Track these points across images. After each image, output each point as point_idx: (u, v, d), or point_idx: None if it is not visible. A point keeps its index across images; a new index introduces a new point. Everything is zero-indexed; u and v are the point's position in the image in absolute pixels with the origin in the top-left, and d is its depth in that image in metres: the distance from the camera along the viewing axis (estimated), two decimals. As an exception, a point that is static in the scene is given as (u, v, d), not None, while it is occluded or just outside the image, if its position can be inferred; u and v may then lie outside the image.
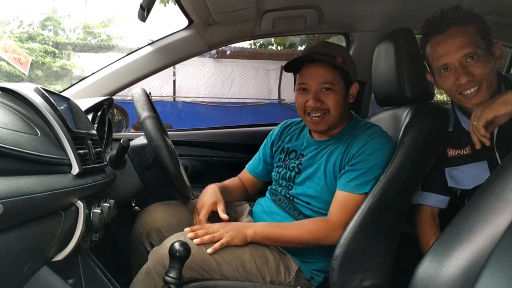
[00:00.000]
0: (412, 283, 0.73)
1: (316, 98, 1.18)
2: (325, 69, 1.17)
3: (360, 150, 1.16)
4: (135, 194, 1.35)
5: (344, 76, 1.20)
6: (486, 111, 0.97)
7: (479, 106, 1.00)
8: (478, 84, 1.06)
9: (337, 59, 1.17)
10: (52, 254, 0.90)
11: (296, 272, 1.17)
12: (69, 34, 9.16)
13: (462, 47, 1.05)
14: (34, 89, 0.93)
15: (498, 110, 0.95)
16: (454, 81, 1.08)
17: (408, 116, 1.16)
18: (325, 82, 1.18)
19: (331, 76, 1.18)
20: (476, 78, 1.05)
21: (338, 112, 1.20)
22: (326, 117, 1.20)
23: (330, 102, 1.18)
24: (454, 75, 1.08)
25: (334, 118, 1.21)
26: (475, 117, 1.00)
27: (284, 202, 1.27)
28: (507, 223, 0.65)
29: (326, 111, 1.19)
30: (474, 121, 1.00)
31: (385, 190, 1.09)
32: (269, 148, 1.44)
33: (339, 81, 1.19)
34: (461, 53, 1.05)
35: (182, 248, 0.94)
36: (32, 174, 0.73)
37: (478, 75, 1.05)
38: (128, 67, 1.67)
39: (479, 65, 1.05)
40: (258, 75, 8.19)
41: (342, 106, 1.21)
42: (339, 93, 1.19)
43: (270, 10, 1.64)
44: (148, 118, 1.17)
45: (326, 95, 1.19)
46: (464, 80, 1.05)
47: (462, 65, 1.06)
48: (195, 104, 7.98)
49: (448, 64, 1.08)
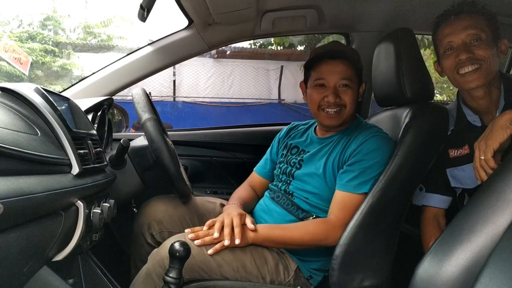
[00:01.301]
0: (412, 283, 0.73)
1: (335, 94, 1.21)
2: (345, 65, 1.21)
3: (357, 150, 1.17)
4: (135, 194, 1.35)
5: (358, 74, 1.24)
6: (490, 142, 0.96)
7: (480, 140, 1.00)
8: (477, 63, 1.08)
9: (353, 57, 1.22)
10: (52, 254, 0.90)
11: (295, 271, 1.17)
12: (69, 34, 9.16)
13: (468, 27, 1.10)
14: (34, 89, 0.93)
15: (501, 136, 0.95)
16: (455, 58, 1.11)
17: (408, 116, 1.16)
18: (344, 78, 1.21)
19: (350, 72, 1.22)
20: (476, 57, 1.08)
21: (353, 108, 1.24)
22: (342, 112, 1.23)
23: (347, 98, 1.21)
24: (456, 53, 1.12)
25: (348, 114, 1.24)
26: (481, 151, 0.98)
27: (282, 199, 1.28)
28: (507, 223, 0.65)
29: (342, 106, 1.22)
30: (482, 156, 0.98)
31: (385, 190, 1.09)
32: (276, 147, 1.47)
33: (355, 78, 1.23)
34: (466, 33, 1.10)
35: (182, 248, 0.94)
36: (32, 174, 0.73)
37: (479, 55, 1.08)
38: (128, 67, 1.67)
39: (481, 47, 1.09)
40: (258, 75, 8.19)
41: (356, 103, 1.25)
42: (355, 90, 1.23)
43: (270, 10, 1.64)
44: (149, 120, 1.17)
45: (344, 91, 1.22)
46: (463, 56, 1.09)
47: (465, 44, 1.10)
48: (195, 104, 7.98)
49: (453, 43, 1.13)
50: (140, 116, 1.19)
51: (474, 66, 1.09)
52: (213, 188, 1.87)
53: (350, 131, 1.25)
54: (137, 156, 1.30)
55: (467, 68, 1.10)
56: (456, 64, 1.12)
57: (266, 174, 1.47)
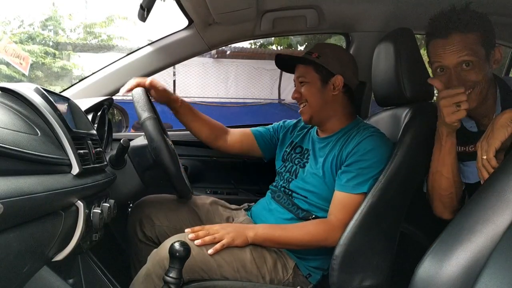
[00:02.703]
0: (412, 283, 0.73)
1: (296, 91, 1.34)
2: (301, 65, 1.32)
3: (354, 150, 1.18)
4: (135, 194, 1.35)
5: (318, 69, 1.28)
6: (492, 141, 0.95)
7: (482, 140, 0.99)
8: (469, 88, 1.06)
9: (312, 55, 1.29)
10: (52, 254, 0.90)
11: (293, 269, 1.18)
12: (69, 34, 9.14)
13: (459, 54, 1.05)
14: (34, 89, 0.93)
15: (502, 135, 0.94)
16: (446, 82, 1.08)
17: (407, 116, 1.16)
18: (300, 76, 1.32)
19: (303, 70, 1.31)
20: (467, 84, 1.06)
21: (316, 101, 1.29)
22: (306, 107, 1.31)
23: (305, 92, 1.30)
24: (447, 76, 1.09)
25: (314, 108, 1.29)
26: (483, 151, 0.97)
27: (283, 198, 1.30)
28: (507, 223, 0.65)
29: (304, 101, 1.31)
30: (484, 156, 0.97)
31: (384, 190, 1.09)
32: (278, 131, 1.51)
33: (312, 74, 1.29)
34: (457, 60, 1.06)
35: (182, 248, 0.94)
36: (32, 174, 0.73)
37: (470, 81, 1.06)
38: (128, 67, 1.67)
39: (472, 72, 1.05)
40: (258, 75, 8.18)
41: (319, 95, 1.29)
42: (312, 84, 1.29)
43: (270, 10, 1.64)
44: (149, 119, 1.17)
45: (303, 87, 1.31)
46: (455, 83, 1.06)
47: (456, 71, 1.07)
48: (195, 104, 7.97)
49: (443, 66, 1.09)
50: (139, 115, 1.19)
51: (468, 91, 1.06)
52: (213, 188, 1.87)
53: (348, 131, 1.26)
54: (136, 156, 1.30)
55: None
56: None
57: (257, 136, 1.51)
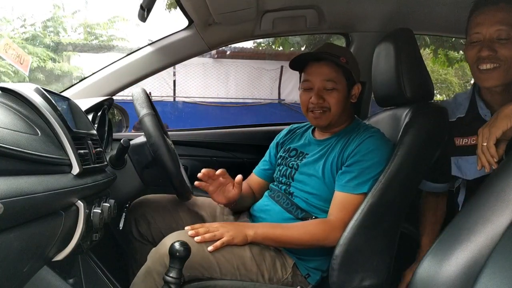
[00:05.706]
0: (412, 283, 0.73)
1: (319, 95, 1.22)
2: (328, 67, 1.21)
3: (355, 151, 1.17)
4: (135, 194, 1.36)
5: (347, 76, 1.23)
6: (493, 130, 0.96)
7: (484, 127, 1.00)
8: (497, 62, 1.06)
9: (340, 59, 1.20)
10: (52, 254, 0.90)
11: (292, 268, 1.18)
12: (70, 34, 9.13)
13: (500, 22, 1.05)
14: (34, 89, 0.93)
15: (504, 125, 0.95)
16: (477, 52, 1.09)
17: (407, 116, 1.16)
18: (328, 79, 1.21)
19: (334, 74, 1.21)
20: (497, 56, 1.06)
21: (338, 110, 1.23)
22: (326, 114, 1.23)
23: (331, 100, 1.22)
24: (479, 47, 1.09)
25: (334, 116, 1.24)
26: (484, 138, 0.98)
27: (282, 199, 1.29)
28: (507, 223, 0.65)
29: (327, 109, 1.23)
30: (484, 142, 0.98)
31: (384, 190, 1.09)
32: (275, 149, 1.47)
33: (341, 79, 1.22)
34: (496, 28, 1.06)
35: (182, 248, 0.94)
36: (32, 174, 0.73)
37: (501, 55, 1.06)
38: (128, 67, 1.67)
39: (506, 46, 1.06)
40: (258, 75, 8.18)
41: (343, 105, 1.24)
42: (341, 91, 1.22)
43: (270, 10, 1.64)
44: (147, 116, 1.17)
45: (329, 93, 1.22)
46: (485, 53, 1.06)
47: (491, 40, 1.07)
48: (195, 104, 7.97)
49: (480, 35, 1.09)
50: (138, 112, 1.19)
51: (494, 64, 1.07)
52: None
53: (348, 132, 1.26)
54: (136, 154, 1.30)
55: (485, 65, 1.08)
56: (477, 58, 1.09)
57: (264, 175, 1.47)
